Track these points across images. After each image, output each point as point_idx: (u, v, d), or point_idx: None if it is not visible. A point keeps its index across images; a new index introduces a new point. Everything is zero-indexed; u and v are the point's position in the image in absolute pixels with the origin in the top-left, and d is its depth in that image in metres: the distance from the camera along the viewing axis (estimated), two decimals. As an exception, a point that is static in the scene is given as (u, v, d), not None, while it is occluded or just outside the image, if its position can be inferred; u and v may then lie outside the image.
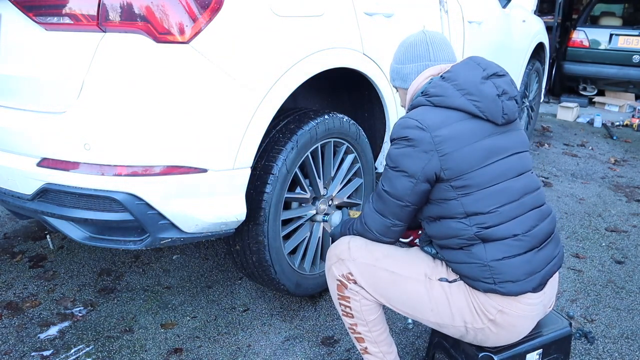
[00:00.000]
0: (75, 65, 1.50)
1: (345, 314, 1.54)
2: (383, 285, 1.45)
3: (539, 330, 1.50)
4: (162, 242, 1.63)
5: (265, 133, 1.75)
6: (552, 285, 1.46)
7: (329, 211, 2.14)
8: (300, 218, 2.05)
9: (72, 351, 1.89)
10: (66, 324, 2.03)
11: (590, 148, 4.87)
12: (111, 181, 1.52)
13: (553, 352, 1.51)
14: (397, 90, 1.62)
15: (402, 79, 1.54)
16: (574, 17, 8.21)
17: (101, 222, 1.60)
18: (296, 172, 1.92)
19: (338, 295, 1.53)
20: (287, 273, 1.97)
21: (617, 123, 5.93)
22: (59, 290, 2.26)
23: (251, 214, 1.80)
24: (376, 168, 2.43)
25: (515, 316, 1.36)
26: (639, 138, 5.37)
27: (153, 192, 1.54)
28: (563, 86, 7.15)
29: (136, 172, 1.52)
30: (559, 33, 7.71)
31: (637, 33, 6.18)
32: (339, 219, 1.87)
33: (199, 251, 2.62)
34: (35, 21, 1.54)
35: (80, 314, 2.10)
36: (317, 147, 2.00)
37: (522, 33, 3.93)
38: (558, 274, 1.52)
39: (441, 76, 1.41)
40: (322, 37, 1.87)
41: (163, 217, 1.58)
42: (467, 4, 2.93)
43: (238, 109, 1.61)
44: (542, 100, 5.30)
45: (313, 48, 1.82)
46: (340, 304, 1.54)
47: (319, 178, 2.05)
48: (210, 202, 1.63)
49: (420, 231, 1.72)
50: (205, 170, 1.59)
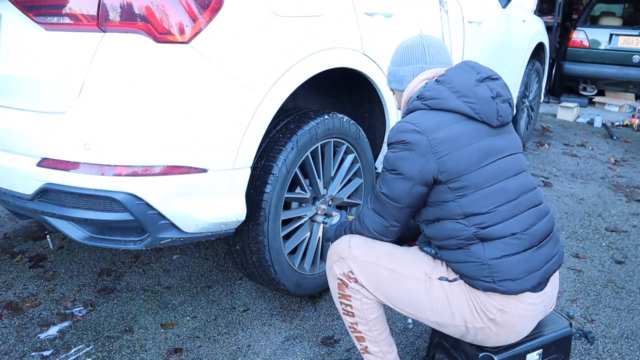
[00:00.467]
0: (75, 65, 1.50)
1: (345, 313, 1.54)
2: (383, 283, 1.46)
3: (539, 330, 1.50)
4: (162, 242, 1.63)
5: (265, 133, 1.75)
6: (553, 285, 1.46)
7: (329, 212, 2.14)
8: (300, 218, 2.05)
9: (72, 351, 1.89)
10: (66, 324, 2.03)
11: (590, 148, 4.88)
12: (111, 181, 1.52)
13: (553, 352, 1.51)
14: (394, 92, 1.64)
15: (399, 81, 1.56)
16: (574, 17, 8.21)
17: (101, 222, 1.60)
18: (296, 172, 1.92)
19: (339, 294, 1.53)
20: (287, 273, 1.97)
21: (617, 123, 5.93)
22: (59, 290, 2.26)
23: (251, 214, 1.80)
24: (376, 168, 2.43)
25: (515, 315, 1.36)
26: (639, 138, 5.37)
27: (153, 192, 1.54)
28: (563, 86, 7.15)
29: (136, 172, 1.52)
30: (559, 33, 7.71)
31: (637, 33, 6.18)
32: (339, 220, 1.89)
33: (199, 251, 2.62)
34: (35, 21, 1.54)
35: (80, 314, 2.10)
36: (317, 147, 2.00)
37: (522, 33, 3.93)
38: (559, 275, 1.52)
39: (436, 80, 1.44)
40: (322, 37, 1.87)
41: (163, 217, 1.58)
42: (467, 4, 2.93)
43: (238, 109, 1.61)
44: (542, 100, 5.30)
45: (313, 48, 1.82)
46: (341, 303, 1.54)
47: (319, 178, 2.05)
48: (210, 202, 1.63)
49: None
50: (205, 170, 1.59)
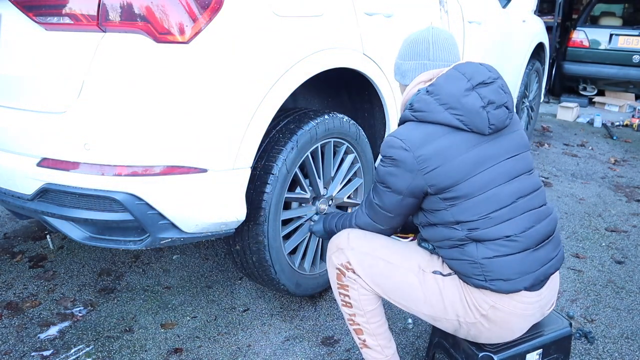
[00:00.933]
0: (75, 65, 1.50)
1: (344, 304, 1.56)
2: (379, 274, 1.47)
3: (539, 330, 1.50)
4: (162, 242, 1.63)
5: (265, 133, 1.75)
6: (551, 287, 1.46)
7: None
8: (300, 218, 2.05)
9: (72, 351, 1.89)
10: (66, 324, 2.03)
11: (590, 148, 4.87)
12: (111, 181, 1.52)
13: (553, 352, 1.51)
14: (400, 85, 1.62)
15: (402, 75, 1.56)
16: (574, 17, 8.21)
17: (101, 222, 1.60)
18: (296, 172, 1.92)
19: (337, 284, 1.54)
20: (287, 273, 1.97)
21: (617, 123, 5.93)
22: (59, 290, 2.26)
23: (251, 214, 1.80)
24: (376, 168, 2.43)
25: (507, 313, 1.36)
26: (639, 138, 5.37)
27: (153, 192, 1.54)
28: (563, 86, 7.15)
29: (136, 172, 1.52)
30: (559, 33, 7.72)
31: (637, 33, 6.18)
32: None
33: (199, 251, 2.62)
34: (35, 21, 1.54)
35: (80, 314, 2.10)
36: (317, 147, 2.00)
37: (522, 33, 3.93)
38: (559, 277, 1.52)
39: (426, 89, 1.41)
40: (322, 37, 1.87)
41: (163, 217, 1.58)
42: (467, 4, 2.93)
43: (238, 109, 1.61)
44: (542, 100, 5.30)
45: (313, 48, 1.82)
46: (339, 294, 1.55)
47: (319, 178, 2.05)
48: (210, 202, 1.63)
49: None
50: (205, 170, 1.59)
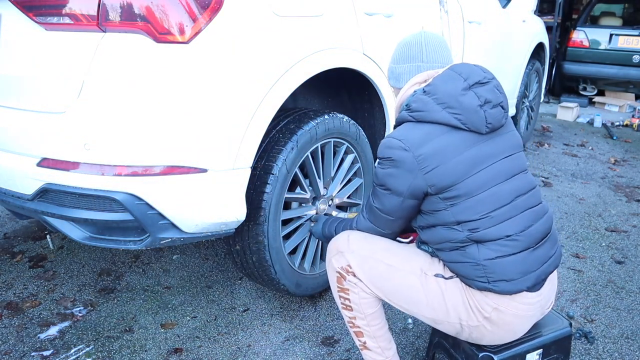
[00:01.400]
0: (75, 65, 1.50)
1: (344, 307, 1.55)
2: (380, 278, 1.47)
3: (539, 330, 1.50)
4: (162, 242, 1.63)
5: (265, 133, 1.75)
6: (550, 286, 1.46)
7: (333, 213, 2.14)
8: (300, 218, 2.05)
9: (72, 351, 1.89)
10: (66, 324, 2.03)
11: (590, 148, 4.87)
12: (111, 181, 1.52)
13: (553, 352, 1.51)
14: (393, 90, 1.63)
15: (396, 79, 1.56)
16: (574, 17, 8.21)
17: (101, 222, 1.60)
18: (296, 172, 1.92)
19: (338, 287, 1.54)
20: (287, 273, 1.97)
21: (617, 123, 5.93)
22: (59, 290, 2.26)
23: (251, 214, 1.80)
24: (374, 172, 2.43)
25: (510, 314, 1.36)
26: (639, 138, 5.37)
27: (153, 192, 1.54)
28: (563, 86, 7.15)
29: (136, 172, 1.52)
30: (559, 33, 7.72)
31: (637, 33, 6.18)
32: None
33: (199, 251, 2.62)
34: (35, 21, 1.54)
35: (80, 314, 2.10)
36: (317, 147, 2.00)
37: (522, 33, 3.93)
38: (557, 275, 1.52)
39: (423, 89, 1.41)
40: (322, 37, 1.87)
41: (163, 217, 1.58)
42: (467, 4, 2.93)
43: (238, 109, 1.61)
44: (542, 100, 5.30)
45: (313, 48, 1.82)
46: (339, 297, 1.55)
47: (319, 178, 2.05)
48: (210, 202, 1.63)
49: None
50: (205, 170, 1.59)
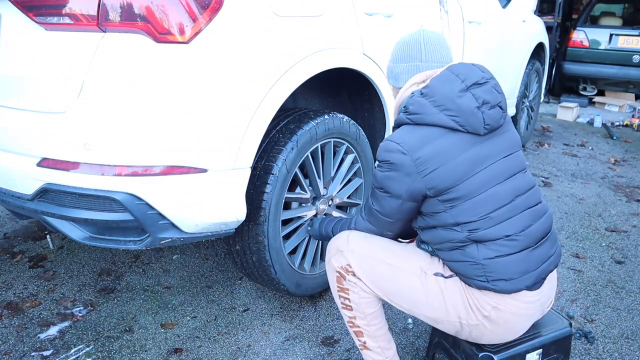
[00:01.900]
0: (75, 65, 1.50)
1: (344, 307, 1.55)
2: (380, 277, 1.46)
3: (539, 330, 1.50)
4: (162, 242, 1.63)
5: (265, 133, 1.75)
6: (550, 284, 1.46)
7: (334, 213, 2.13)
8: (300, 218, 2.05)
9: (72, 351, 1.89)
10: (66, 324, 2.03)
11: (590, 148, 4.87)
12: (111, 181, 1.52)
13: (553, 352, 1.51)
14: (392, 89, 1.62)
15: (395, 78, 1.56)
16: (574, 17, 8.21)
17: (101, 222, 1.60)
18: (296, 172, 1.92)
19: (337, 287, 1.54)
20: (287, 273, 1.97)
21: (617, 123, 5.93)
22: (59, 290, 2.26)
23: (251, 214, 1.80)
24: (373, 174, 2.43)
25: (510, 313, 1.36)
26: (639, 138, 5.37)
27: (153, 192, 1.54)
28: (563, 86, 7.15)
29: (136, 172, 1.52)
30: (559, 33, 7.72)
31: (637, 33, 6.18)
32: None
33: (199, 251, 2.62)
34: (35, 21, 1.54)
35: (80, 314, 2.10)
36: (317, 147, 2.00)
37: (522, 33, 3.93)
38: (557, 274, 1.52)
39: (420, 91, 1.40)
40: (322, 37, 1.87)
41: (163, 217, 1.58)
42: (467, 4, 2.93)
43: (238, 109, 1.61)
44: (542, 100, 5.30)
45: (313, 48, 1.82)
46: (339, 296, 1.55)
47: (319, 178, 2.05)
48: (210, 202, 1.63)
49: None
50: (205, 170, 1.59)
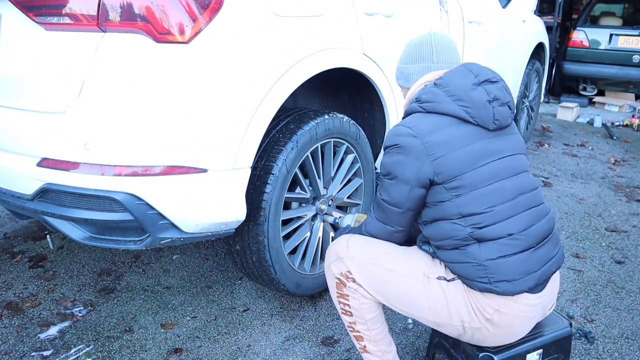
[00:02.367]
0: (75, 65, 1.50)
1: (344, 312, 1.54)
2: (381, 283, 1.46)
3: (539, 330, 1.50)
4: (162, 242, 1.63)
5: (265, 133, 1.75)
6: (552, 287, 1.46)
7: (336, 213, 2.13)
8: (300, 218, 2.05)
9: (72, 351, 1.89)
10: (66, 324, 2.03)
11: (590, 148, 4.87)
12: (111, 181, 1.52)
13: (553, 352, 1.51)
14: (401, 89, 1.64)
15: (405, 79, 1.57)
16: (574, 17, 8.21)
17: (101, 222, 1.60)
18: (296, 172, 1.92)
19: (337, 293, 1.53)
20: (287, 273, 1.97)
21: (617, 123, 5.93)
22: (59, 290, 2.26)
23: (251, 214, 1.80)
24: (376, 168, 2.43)
25: (512, 316, 1.36)
26: (639, 138, 5.37)
27: (153, 192, 1.54)
28: (563, 86, 7.15)
29: (136, 172, 1.52)
30: (559, 33, 7.72)
31: (637, 33, 6.18)
32: (351, 222, 1.92)
33: (199, 251, 2.62)
34: (35, 21, 1.54)
35: (80, 314, 2.10)
36: (317, 147, 2.00)
37: (522, 33, 3.93)
38: (559, 276, 1.52)
39: (434, 83, 1.45)
40: (322, 37, 1.87)
41: (163, 217, 1.58)
42: (467, 4, 2.93)
43: (238, 109, 1.61)
44: (542, 100, 5.30)
45: (313, 48, 1.82)
46: (339, 302, 1.54)
47: (319, 178, 2.05)
48: (210, 202, 1.63)
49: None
50: (205, 170, 1.59)
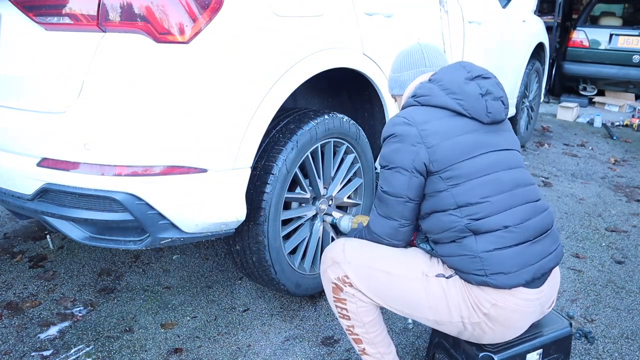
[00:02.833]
0: (75, 65, 1.50)
1: (341, 316, 1.54)
2: (379, 286, 1.45)
3: (539, 330, 1.50)
4: (162, 242, 1.63)
5: (265, 133, 1.75)
6: (552, 284, 1.45)
7: (336, 212, 2.13)
8: (300, 218, 2.05)
9: (72, 351, 1.89)
10: (66, 324, 2.03)
11: (590, 148, 4.87)
12: (111, 181, 1.52)
13: (553, 352, 1.51)
14: (396, 99, 1.69)
15: (400, 87, 1.61)
16: (574, 17, 8.21)
17: (101, 222, 1.60)
18: (296, 172, 1.92)
19: (334, 297, 1.53)
20: (287, 273, 1.97)
21: (617, 123, 5.94)
22: (59, 290, 2.26)
23: (251, 214, 1.80)
24: (376, 168, 2.43)
25: (509, 310, 1.36)
26: (639, 138, 5.37)
27: (153, 192, 1.54)
28: (563, 86, 7.15)
29: (136, 172, 1.52)
30: (559, 33, 7.72)
31: (637, 33, 6.18)
32: (348, 222, 1.94)
33: (199, 251, 2.62)
34: (35, 21, 1.54)
35: (80, 314, 2.10)
36: (317, 147, 2.00)
37: (522, 33, 3.93)
38: (559, 274, 1.52)
39: (429, 79, 1.50)
40: (322, 37, 1.87)
41: (163, 217, 1.58)
42: (467, 4, 2.93)
43: (238, 109, 1.61)
44: (542, 100, 5.30)
45: (313, 48, 1.82)
46: (336, 306, 1.54)
47: (319, 178, 2.05)
48: (210, 202, 1.63)
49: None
50: (205, 170, 1.59)
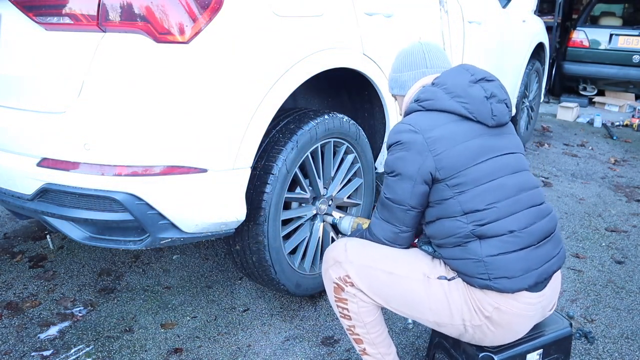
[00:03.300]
0: (75, 65, 1.50)
1: (342, 316, 1.54)
2: (381, 286, 1.45)
3: (540, 330, 1.50)
4: (162, 242, 1.63)
5: (265, 133, 1.75)
6: (553, 287, 1.45)
7: (336, 212, 2.13)
8: (300, 218, 2.05)
9: (72, 351, 1.89)
10: (66, 324, 2.03)
11: (590, 148, 4.87)
12: (111, 181, 1.52)
13: (553, 352, 1.51)
14: (396, 98, 1.68)
15: (400, 87, 1.60)
16: (574, 17, 8.21)
17: (101, 222, 1.60)
18: (296, 172, 1.92)
19: (335, 297, 1.53)
20: (287, 273, 1.97)
21: (617, 123, 5.93)
22: (59, 290, 2.26)
23: (251, 214, 1.80)
24: (376, 168, 2.43)
25: (511, 314, 1.36)
26: (639, 138, 5.37)
27: (153, 192, 1.54)
28: (563, 86, 7.15)
29: (136, 172, 1.52)
30: (559, 33, 7.72)
31: (637, 33, 6.18)
32: (349, 223, 1.93)
33: (199, 251, 2.62)
34: (35, 21, 1.54)
35: (80, 314, 2.10)
36: (317, 147, 2.00)
37: (522, 33, 3.93)
38: (560, 277, 1.52)
39: (432, 82, 1.48)
40: (322, 37, 1.87)
41: (163, 217, 1.58)
42: (467, 4, 2.93)
43: (238, 109, 1.61)
44: (542, 100, 5.30)
45: (313, 48, 1.82)
46: (337, 306, 1.54)
47: (319, 178, 2.05)
48: (210, 202, 1.63)
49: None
50: (205, 170, 1.59)
